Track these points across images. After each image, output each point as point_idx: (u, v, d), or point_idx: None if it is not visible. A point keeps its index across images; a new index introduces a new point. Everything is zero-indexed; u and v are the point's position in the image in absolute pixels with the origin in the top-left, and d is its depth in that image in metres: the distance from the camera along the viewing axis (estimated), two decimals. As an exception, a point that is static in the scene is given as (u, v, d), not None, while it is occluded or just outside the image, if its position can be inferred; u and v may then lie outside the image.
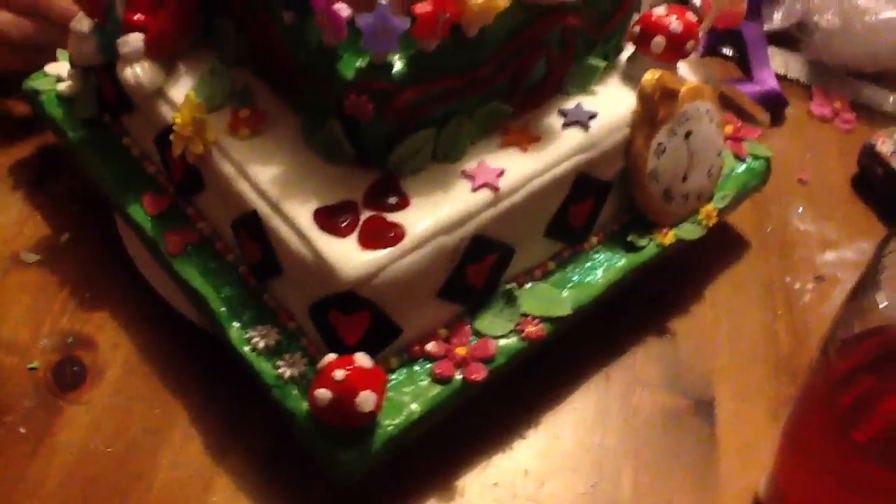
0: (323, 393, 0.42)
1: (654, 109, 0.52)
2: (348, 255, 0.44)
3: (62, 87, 0.59)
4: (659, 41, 0.53)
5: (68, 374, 0.52)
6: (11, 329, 0.54)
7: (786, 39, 0.83)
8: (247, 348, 0.47)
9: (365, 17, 0.42)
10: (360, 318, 0.45)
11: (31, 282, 0.57)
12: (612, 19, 0.53)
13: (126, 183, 0.55)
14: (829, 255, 0.66)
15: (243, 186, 0.47)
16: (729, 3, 0.56)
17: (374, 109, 0.44)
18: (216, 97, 0.50)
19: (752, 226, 0.67)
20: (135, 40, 0.51)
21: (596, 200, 0.53)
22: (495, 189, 0.47)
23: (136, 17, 0.51)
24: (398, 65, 0.44)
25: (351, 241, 0.44)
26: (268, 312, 0.49)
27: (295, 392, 0.45)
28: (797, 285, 0.63)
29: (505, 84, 0.49)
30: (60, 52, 0.60)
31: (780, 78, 0.81)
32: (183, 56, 0.53)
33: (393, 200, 0.46)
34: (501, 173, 0.48)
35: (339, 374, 0.42)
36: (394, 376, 0.47)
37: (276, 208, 0.46)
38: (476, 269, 0.48)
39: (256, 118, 0.49)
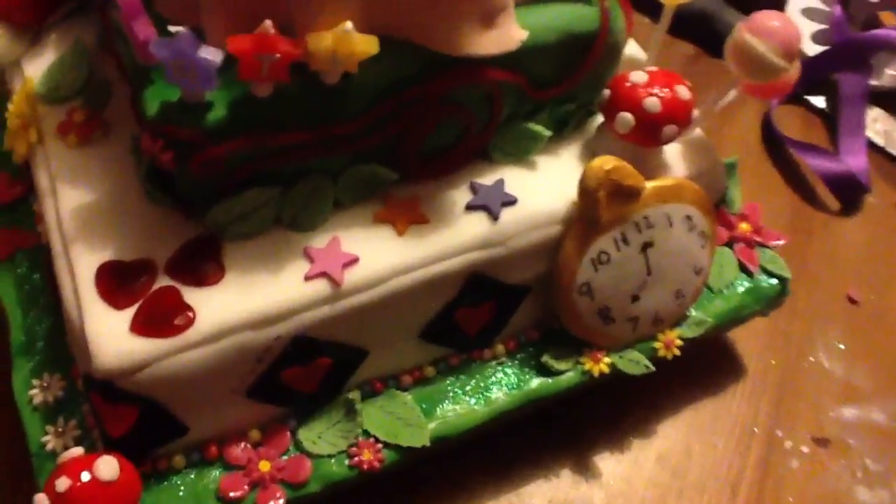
0: (41, 501, 0.34)
1: (596, 210, 0.38)
2: (111, 338, 0.34)
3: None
4: (625, 119, 0.39)
5: None
6: None
7: (901, 101, 0.65)
8: (22, 400, 0.39)
9: (162, 44, 0.31)
10: (124, 410, 0.36)
11: None
12: (568, 78, 0.39)
13: (-5, 156, 0.48)
14: (849, 412, 0.51)
15: (49, 208, 0.39)
16: (761, 72, 0.40)
17: (176, 159, 0.34)
18: (65, 86, 0.41)
19: (756, 346, 0.52)
20: (-13, 1, 0.42)
21: (501, 305, 0.41)
22: (336, 283, 0.36)
23: (-10, -25, 0.42)
24: (216, 109, 0.33)
25: (124, 318, 0.35)
26: (65, 358, 0.41)
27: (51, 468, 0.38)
28: (788, 444, 0.49)
29: (388, 144, 0.37)
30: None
31: (878, 150, 0.63)
32: (58, 25, 0.44)
33: (203, 270, 0.36)
34: (352, 262, 0.37)
35: (62, 484, 0.33)
36: (177, 479, 0.38)
37: (65, 248, 0.37)
38: (299, 372, 0.38)
39: (92, 124, 0.40)
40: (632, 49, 0.46)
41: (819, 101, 0.65)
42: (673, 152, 0.42)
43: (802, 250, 0.57)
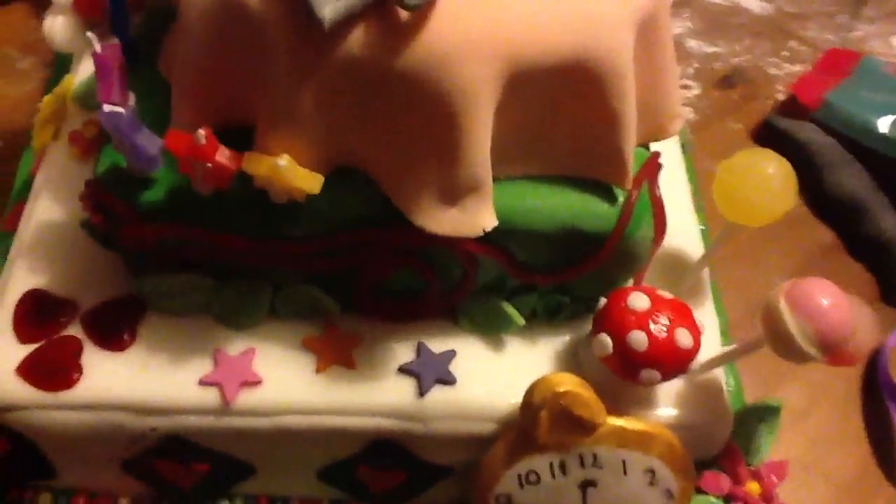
0: None
1: (535, 429, 0.33)
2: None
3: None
4: (604, 342, 0.33)
5: None
6: None
7: None
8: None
9: (107, 114, 0.30)
10: (-4, 437, 0.35)
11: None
12: (563, 272, 0.34)
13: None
14: None
15: (28, 211, 0.39)
16: (786, 353, 0.32)
17: (105, 223, 0.32)
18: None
19: None
20: (65, -10, 0.43)
21: (413, 478, 0.37)
22: (226, 400, 0.34)
23: (78, -32, 0.43)
24: (155, 190, 0.32)
25: (18, 354, 0.34)
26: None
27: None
28: None
29: (340, 274, 0.34)
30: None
31: None
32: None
33: (114, 333, 0.35)
34: (252, 383, 0.34)
35: None
36: (40, 514, 0.37)
37: (14, 258, 0.37)
38: (174, 467, 0.35)
39: (98, 142, 0.39)
40: (685, 241, 0.40)
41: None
42: (669, 389, 0.36)
43: (847, 524, 0.47)
